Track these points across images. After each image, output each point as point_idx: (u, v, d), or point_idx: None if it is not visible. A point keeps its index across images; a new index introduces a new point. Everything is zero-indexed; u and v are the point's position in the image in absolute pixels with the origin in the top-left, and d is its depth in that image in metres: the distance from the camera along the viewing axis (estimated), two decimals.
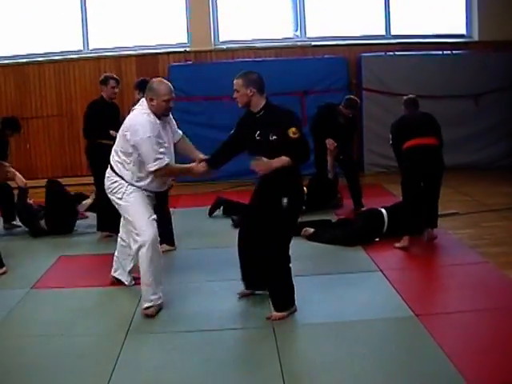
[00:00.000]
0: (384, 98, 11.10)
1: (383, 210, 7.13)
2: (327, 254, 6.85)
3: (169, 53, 11.68)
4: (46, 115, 11.65)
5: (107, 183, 5.45)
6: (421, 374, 4.09)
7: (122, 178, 5.33)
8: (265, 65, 11.08)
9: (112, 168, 5.42)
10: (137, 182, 5.33)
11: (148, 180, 5.33)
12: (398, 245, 6.85)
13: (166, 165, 5.25)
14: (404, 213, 6.92)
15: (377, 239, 7.03)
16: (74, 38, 12.01)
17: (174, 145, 5.70)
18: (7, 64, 11.89)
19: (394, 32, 11.91)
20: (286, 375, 4.16)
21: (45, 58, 11.88)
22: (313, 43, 11.66)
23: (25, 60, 11.92)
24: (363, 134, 11.21)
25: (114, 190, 5.38)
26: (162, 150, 5.22)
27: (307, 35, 11.88)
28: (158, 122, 5.25)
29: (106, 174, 5.47)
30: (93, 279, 6.21)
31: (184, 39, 11.88)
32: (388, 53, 11.34)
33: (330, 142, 8.56)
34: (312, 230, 7.30)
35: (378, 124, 11.02)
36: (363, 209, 8.51)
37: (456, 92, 11.05)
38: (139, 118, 5.21)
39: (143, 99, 5.34)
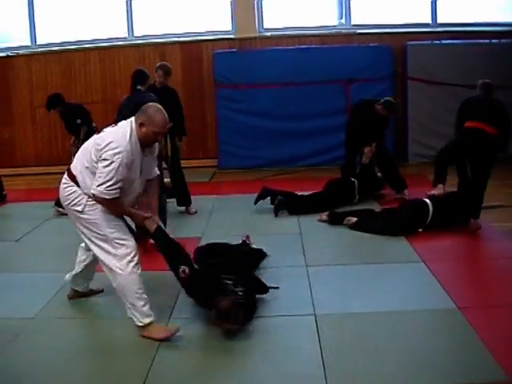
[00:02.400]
0: (429, 87, 10.96)
1: (428, 201, 7.05)
2: (370, 243, 6.81)
3: (213, 40, 11.68)
4: (90, 101, 11.74)
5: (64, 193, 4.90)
6: (461, 366, 4.07)
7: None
8: (309, 52, 11.07)
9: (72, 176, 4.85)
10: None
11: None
12: (471, 229, 6.98)
13: (115, 198, 4.61)
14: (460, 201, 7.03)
15: (420, 230, 6.97)
16: (119, 25, 12.08)
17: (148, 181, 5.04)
18: (53, 51, 12.03)
19: (440, 20, 11.72)
20: (326, 363, 4.17)
21: (90, 45, 11.99)
22: (358, 31, 11.56)
23: (70, 47, 12.04)
24: (408, 124, 11.09)
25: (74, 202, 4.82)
26: (120, 182, 4.56)
27: (352, 23, 11.76)
28: (138, 149, 4.66)
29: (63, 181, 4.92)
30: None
31: (228, 26, 11.86)
32: (434, 41, 11.19)
33: (367, 150, 8.56)
34: (355, 219, 7.27)
35: (423, 114, 10.92)
36: (406, 192, 8.59)
37: (503, 81, 10.87)
38: (121, 141, 4.55)
39: (131, 120, 4.71)
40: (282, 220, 7.84)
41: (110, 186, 4.51)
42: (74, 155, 5.12)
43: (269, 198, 8.25)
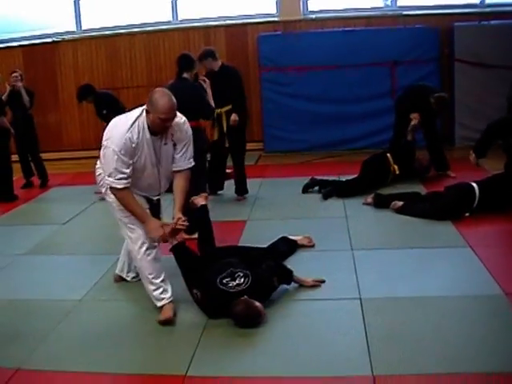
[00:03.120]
0: (477, 69, 10.77)
1: (474, 185, 6.95)
2: (416, 227, 6.75)
3: (258, 23, 11.64)
4: (136, 85, 11.83)
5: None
6: (505, 353, 4.02)
7: None
8: (354, 35, 10.96)
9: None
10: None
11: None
12: None
13: (120, 190, 4.64)
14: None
15: (467, 214, 6.88)
16: (163, 9, 12.11)
17: (175, 173, 4.95)
18: (98, 36, 12.12)
19: (488, 0, 11.53)
20: (371, 347, 4.17)
21: (135, 29, 12.06)
22: (404, 12, 11.40)
23: (115, 32, 12.12)
24: (454, 107, 10.93)
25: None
26: (126, 170, 4.58)
27: (398, 4, 11.62)
28: (147, 137, 4.63)
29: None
30: None
31: (273, 9, 11.81)
32: (482, 22, 10.98)
33: (414, 115, 8.51)
34: (401, 203, 7.21)
35: (469, 97, 10.73)
36: (450, 172, 8.53)
37: None
38: (120, 128, 4.60)
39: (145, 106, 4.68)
40: (328, 203, 7.82)
41: (114, 175, 4.56)
42: None
43: (317, 187, 8.27)
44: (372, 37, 10.90)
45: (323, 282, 5.28)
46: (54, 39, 12.22)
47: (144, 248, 4.78)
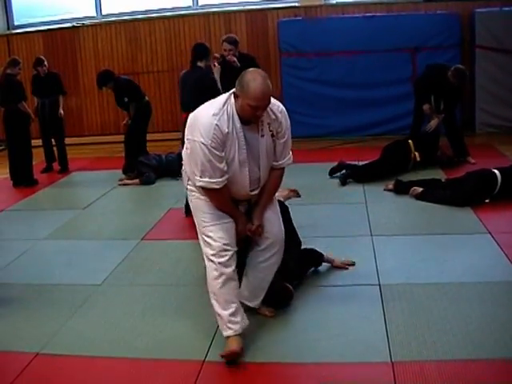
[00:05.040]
0: (498, 55, 10.69)
1: (496, 171, 6.91)
2: (435, 213, 6.72)
3: (278, 8, 11.60)
4: (156, 70, 11.85)
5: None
6: None
7: None
8: (375, 21, 10.90)
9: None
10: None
11: None
12: None
13: (217, 190, 3.95)
14: None
15: (487, 200, 6.84)
16: None
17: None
18: (118, 21, 12.14)
19: None
20: (390, 333, 4.16)
21: (156, 15, 12.07)
22: None
23: (136, 17, 12.13)
24: (475, 93, 10.86)
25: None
26: (221, 165, 3.87)
27: None
28: (237, 126, 3.89)
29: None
30: None
31: None
32: (503, 8, 10.87)
33: (425, 108, 8.60)
34: (421, 189, 7.18)
35: (491, 82, 10.66)
36: (469, 158, 8.50)
37: None
38: (206, 117, 3.85)
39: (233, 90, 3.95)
40: (348, 189, 7.81)
41: (207, 173, 3.87)
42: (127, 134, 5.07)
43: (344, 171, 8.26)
44: (393, 23, 10.83)
45: (352, 264, 5.31)
46: (75, 24, 12.25)
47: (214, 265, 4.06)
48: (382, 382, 3.66)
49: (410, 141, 8.36)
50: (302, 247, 5.31)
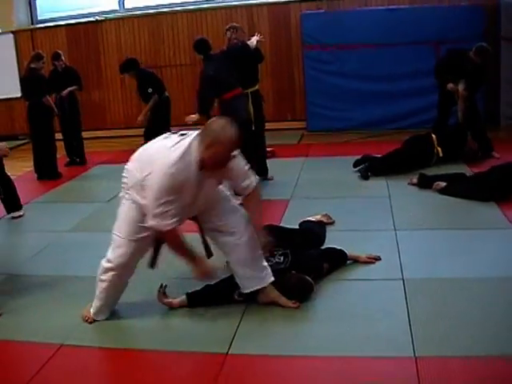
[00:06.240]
0: None
1: None
2: (459, 208, 6.68)
3: (300, 1, 11.57)
4: (179, 64, 11.88)
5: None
6: None
7: None
8: (398, 13, 10.86)
9: None
10: None
11: None
12: None
13: (170, 231, 4.06)
14: None
15: None
16: None
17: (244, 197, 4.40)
18: (141, 15, 12.19)
19: None
20: (413, 328, 4.14)
21: (178, 8, 12.08)
22: None
23: (158, 10, 12.17)
24: (500, 86, 10.77)
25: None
26: (171, 208, 3.96)
27: None
28: (194, 173, 3.99)
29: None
30: None
31: None
32: None
33: (450, 86, 8.56)
34: (444, 183, 7.14)
35: None
36: (494, 153, 8.48)
37: None
38: (163, 162, 3.96)
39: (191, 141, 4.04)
40: (371, 183, 7.78)
41: (160, 216, 4.00)
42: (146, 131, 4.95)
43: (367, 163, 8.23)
44: (416, 15, 10.77)
45: (378, 259, 5.29)
46: (98, 18, 12.30)
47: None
48: (404, 377, 3.64)
49: (433, 135, 8.31)
50: (326, 246, 5.35)
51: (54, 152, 9.23)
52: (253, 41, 8.02)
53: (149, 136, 9.18)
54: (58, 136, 9.60)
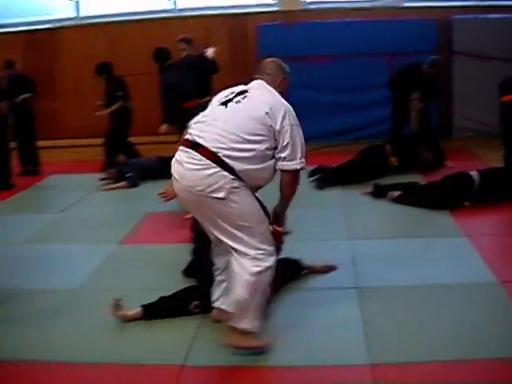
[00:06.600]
0: (475, 61, 10.76)
1: (474, 173, 6.95)
2: (413, 217, 6.77)
3: (258, 13, 11.61)
4: (135, 73, 11.80)
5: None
6: (501, 340, 4.04)
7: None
8: (354, 26, 10.93)
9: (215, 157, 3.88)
10: None
11: None
12: None
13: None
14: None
15: (466, 203, 6.87)
16: None
17: None
18: (97, 23, 12.11)
19: None
20: (369, 336, 4.19)
21: (134, 17, 12.03)
22: (403, 5, 11.40)
23: (114, 19, 12.10)
24: (453, 98, 10.95)
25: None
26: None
27: None
28: None
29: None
30: (179, 235, 6.30)
31: None
32: (481, 15, 10.97)
33: (414, 96, 8.64)
34: (398, 192, 7.21)
35: (468, 88, 10.73)
36: (446, 162, 8.61)
37: None
38: (283, 100, 4.27)
39: (262, 82, 4.28)
40: (326, 193, 7.83)
41: (302, 155, 4.31)
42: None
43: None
44: (371, 28, 10.87)
45: (334, 268, 5.32)
46: (53, 26, 12.18)
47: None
48: None
49: (387, 146, 8.40)
50: (281, 256, 5.36)
51: (7, 161, 9.07)
52: (209, 52, 8.05)
53: (111, 139, 9.22)
54: (13, 144, 9.46)
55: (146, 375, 3.93)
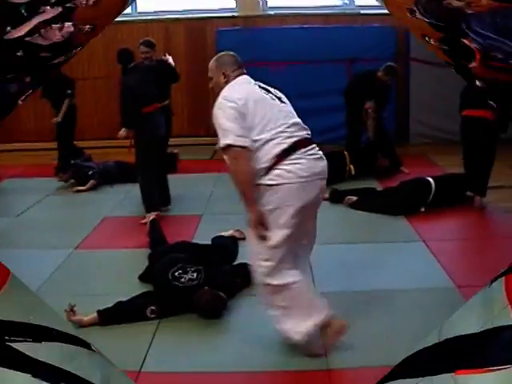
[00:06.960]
0: (432, 68, 10.85)
1: (430, 179, 7.04)
2: (369, 222, 6.82)
3: (217, 17, 11.61)
4: (93, 77, 11.72)
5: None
6: None
7: None
8: (313, 32, 10.99)
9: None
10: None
11: None
12: (476, 206, 7.04)
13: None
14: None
15: (422, 209, 6.95)
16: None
17: None
18: None
19: None
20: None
21: None
22: (361, 11, 11.49)
23: None
24: (410, 104, 11.06)
25: None
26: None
27: (356, 3, 11.71)
28: None
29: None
30: (136, 241, 6.27)
31: (232, 4, 11.78)
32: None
33: (368, 105, 8.70)
34: (355, 198, 7.26)
35: (425, 94, 10.85)
36: (402, 168, 8.70)
37: None
38: None
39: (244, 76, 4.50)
40: None
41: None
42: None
43: None
44: (330, 34, 10.94)
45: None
46: None
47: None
48: None
49: (345, 152, 8.45)
50: (238, 261, 5.37)
51: None
52: (169, 59, 8.02)
53: (62, 139, 9.12)
54: None
55: None
